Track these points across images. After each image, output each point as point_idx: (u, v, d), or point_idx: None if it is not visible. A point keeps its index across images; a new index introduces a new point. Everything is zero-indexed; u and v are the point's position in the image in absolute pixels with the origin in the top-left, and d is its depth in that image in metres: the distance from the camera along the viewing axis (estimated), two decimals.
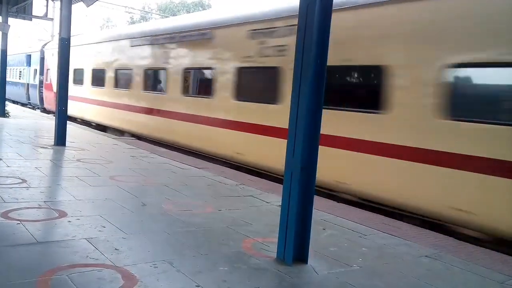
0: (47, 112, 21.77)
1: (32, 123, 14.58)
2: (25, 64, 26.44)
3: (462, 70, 5.85)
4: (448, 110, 5.71)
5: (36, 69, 24.00)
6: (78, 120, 17.77)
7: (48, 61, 21.70)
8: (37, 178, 6.37)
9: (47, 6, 16.94)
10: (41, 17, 17.44)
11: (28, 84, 26.10)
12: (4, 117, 15.27)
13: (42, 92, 22.90)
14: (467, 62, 5.70)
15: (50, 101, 20.90)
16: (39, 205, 5.02)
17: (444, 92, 5.77)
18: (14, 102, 27.79)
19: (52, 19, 19.29)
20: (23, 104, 26.76)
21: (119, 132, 14.60)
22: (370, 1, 6.75)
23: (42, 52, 23.24)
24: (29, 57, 26.13)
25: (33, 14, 17.34)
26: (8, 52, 30.42)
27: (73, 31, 10.06)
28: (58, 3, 15.04)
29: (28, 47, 29.04)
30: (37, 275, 3.17)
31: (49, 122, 13.94)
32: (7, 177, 6.21)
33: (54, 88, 18.62)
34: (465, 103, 5.88)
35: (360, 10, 6.94)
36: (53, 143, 9.77)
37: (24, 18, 17.36)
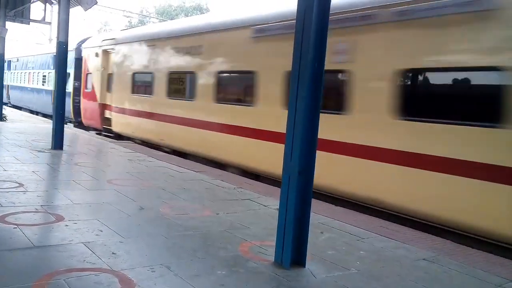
0: (85, 127, 16.94)
1: (29, 127, 14.55)
2: (52, 67, 20.69)
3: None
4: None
5: (69, 73, 18.27)
6: (137, 141, 13.23)
7: (89, 62, 16.38)
8: (34, 182, 6.35)
9: (45, 10, 16.92)
10: (39, 21, 17.41)
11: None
12: (1, 120, 15.24)
13: (77, 102, 17.75)
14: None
15: (93, 114, 16.02)
16: (36, 209, 5.00)
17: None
18: (32, 112, 23.63)
19: (50, 23, 18.47)
20: (45, 115, 21.44)
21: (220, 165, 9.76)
22: None
23: (79, 51, 17.98)
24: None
25: (31, 18, 17.32)
26: (29, 52, 26.08)
27: (70, 35, 10.04)
28: (56, 7, 14.86)
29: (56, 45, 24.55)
30: (34, 279, 3.16)
31: (47, 126, 13.87)
32: (4, 181, 6.19)
33: (99, 98, 15.47)
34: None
35: None
36: (50, 147, 9.75)
37: (22, 22, 17.32)
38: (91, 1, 10.04)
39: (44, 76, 22.75)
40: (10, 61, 29.61)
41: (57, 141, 9.75)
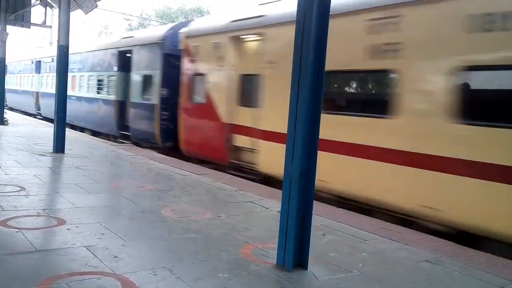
0: (185, 157, 11.10)
1: (31, 130, 14.57)
2: (114, 68, 14.89)
3: None
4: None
5: (151, 77, 12.64)
6: (328, 195, 7.32)
7: (199, 58, 10.70)
8: (36, 185, 6.35)
9: (45, 13, 16.96)
10: (39, 24, 17.45)
11: (122, 103, 14.49)
12: (3, 124, 15.26)
13: (166, 120, 12.10)
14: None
15: (208, 140, 10.27)
16: (38, 213, 5.01)
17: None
18: (73, 127, 17.32)
19: (50, 27, 18.21)
20: (100, 135, 15.75)
21: None
22: None
23: (171, 43, 12.09)
24: (123, 55, 14.37)
25: (31, 21, 17.37)
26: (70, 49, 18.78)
27: (71, 39, 10.07)
28: (56, 11, 14.80)
29: (122, 37, 15.80)
30: (36, 283, 3.15)
31: (48, 130, 13.87)
32: (5, 185, 6.20)
33: (223, 115, 9.69)
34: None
35: None
36: (52, 151, 9.76)
37: (22, 26, 17.38)
38: (91, 5, 10.06)
39: (100, 80, 16.04)
40: (39, 61, 23.45)
41: (59, 145, 9.76)
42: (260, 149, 8.70)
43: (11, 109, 26.08)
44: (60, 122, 9.93)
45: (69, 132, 12.30)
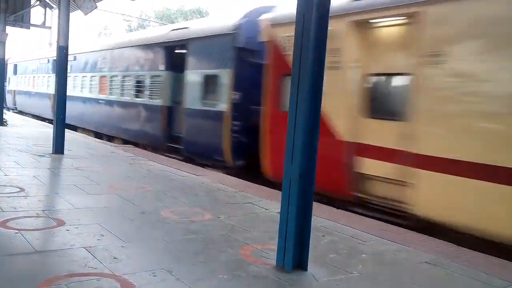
0: (268, 182, 8.35)
1: (30, 131, 14.55)
2: (160, 66, 12.47)
3: None
4: None
5: (217, 77, 10.17)
6: None
7: (289, 55, 6.87)
8: (35, 186, 6.34)
9: (45, 14, 16.95)
10: (39, 25, 17.43)
11: (171, 109, 12.11)
12: (2, 125, 15.24)
13: (237, 132, 9.64)
14: None
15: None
16: (37, 214, 5.00)
17: None
18: (99, 135, 15.44)
19: (50, 28, 18.28)
20: (129, 144, 13.46)
21: None
22: None
23: (246, 34, 9.61)
24: (173, 51, 12.14)
25: (31, 22, 17.35)
26: (90, 45, 15.78)
27: (70, 39, 10.06)
28: (56, 12, 14.79)
29: (171, 29, 12.99)
30: (36, 284, 3.15)
31: (47, 131, 13.81)
32: (5, 186, 6.19)
33: (341, 131, 7.00)
34: None
35: None
36: (51, 152, 9.75)
37: (21, 27, 17.35)
38: (91, 6, 10.07)
39: (140, 81, 13.35)
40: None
41: (58, 146, 9.76)
42: (416, 182, 5.96)
43: (21, 112, 24.91)
44: (60, 123, 9.94)
45: (68, 133, 12.28)
